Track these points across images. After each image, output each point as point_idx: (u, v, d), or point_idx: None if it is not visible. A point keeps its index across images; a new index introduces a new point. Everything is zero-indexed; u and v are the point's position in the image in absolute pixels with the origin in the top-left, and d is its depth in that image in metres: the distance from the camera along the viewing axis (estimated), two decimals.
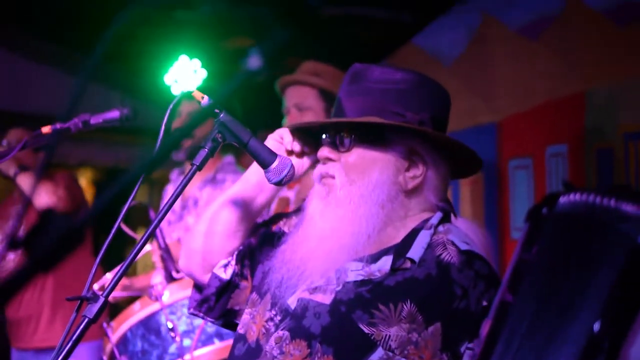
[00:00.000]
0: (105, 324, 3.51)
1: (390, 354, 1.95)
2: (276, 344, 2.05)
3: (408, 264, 2.05)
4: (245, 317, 2.21)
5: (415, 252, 2.05)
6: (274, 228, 2.34)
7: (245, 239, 2.29)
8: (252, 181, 2.28)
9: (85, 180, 10.86)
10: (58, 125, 2.73)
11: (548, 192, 1.46)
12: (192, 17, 5.76)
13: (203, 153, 2.03)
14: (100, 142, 7.28)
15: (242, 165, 4.59)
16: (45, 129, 2.72)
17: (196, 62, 6.18)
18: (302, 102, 3.81)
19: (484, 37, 4.54)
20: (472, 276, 2.01)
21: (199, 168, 2.03)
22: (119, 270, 1.91)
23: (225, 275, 2.27)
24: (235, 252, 2.28)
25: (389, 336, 1.96)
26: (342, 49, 5.41)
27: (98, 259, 1.96)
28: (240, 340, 2.18)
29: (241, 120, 2.10)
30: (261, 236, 2.32)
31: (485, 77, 4.57)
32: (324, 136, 2.18)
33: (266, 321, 2.12)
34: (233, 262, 2.27)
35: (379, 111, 2.09)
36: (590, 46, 3.75)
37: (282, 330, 2.07)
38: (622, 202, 1.22)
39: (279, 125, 3.97)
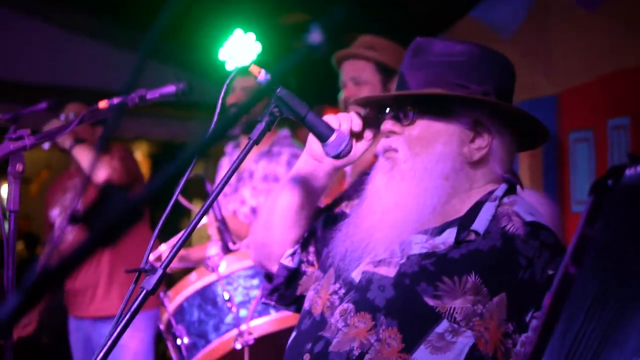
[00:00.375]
0: (162, 294, 3.54)
1: (455, 325, 1.94)
2: (341, 316, 2.06)
3: (472, 236, 2.03)
4: (310, 294, 2.22)
5: (480, 224, 2.04)
6: (337, 210, 2.35)
7: (308, 227, 2.31)
8: (308, 161, 2.28)
9: (140, 154, 10.98)
10: (115, 100, 2.75)
11: (612, 165, 1.39)
12: None
13: (260, 127, 2.02)
14: (155, 116, 7.33)
15: (298, 139, 4.58)
16: (102, 104, 2.74)
17: (251, 36, 6.16)
18: (358, 76, 3.79)
19: (543, 7, 4.45)
20: (537, 246, 1.99)
21: (256, 142, 2.02)
22: (177, 243, 1.90)
23: (293, 264, 2.31)
24: (301, 240, 2.31)
25: (454, 308, 1.95)
26: (398, 23, 5.36)
27: (156, 232, 1.97)
28: (305, 315, 2.18)
29: (296, 94, 2.09)
30: (324, 221, 2.33)
31: (545, 49, 4.48)
32: (386, 110, 2.17)
33: (330, 294, 2.13)
34: (299, 250, 2.31)
35: (443, 84, 2.08)
36: None
37: (346, 302, 2.07)
38: None
39: (335, 100, 3.98)
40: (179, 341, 3.50)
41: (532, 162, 4.60)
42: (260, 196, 4.20)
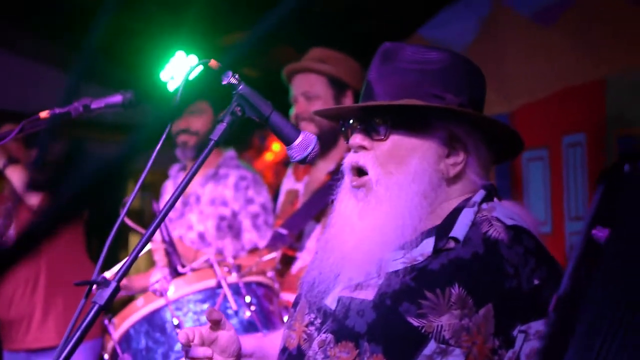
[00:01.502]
0: (106, 321, 3.37)
1: (443, 345, 1.81)
2: (320, 348, 1.91)
3: (452, 244, 1.91)
4: (284, 331, 2.07)
5: (459, 230, 1.91)
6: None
7: None
8: None
9: None
10: (57, 110, 2.61)
11: (623, 152, 1.28)
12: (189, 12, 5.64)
13: (222, 127, 1.91)
14: (94, 141, 7.12)
15: (244, 160, 4.47)
16: (44, 114, 2.60)
17: (193, 58, 6.03)
18: (309, 90, 3.69)
19: (495, 25, 4.41)
20: (521, 253, 1.88)
21: (218, 143, 1.89)
22: (130, 255, 1.79)
23: None
24: None
25: (441, 326, 1.82)
26: (344, 42, 5.28)
27: (108, 242, 1.83)
28: (281, 353, 2.03)
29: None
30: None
31: (497, 67, 4.42)
32: (351, 122, 2.02)
33: (306, 326, 1.98)
34: None
35: (416, 94, 1.94)
36: (609, 30, 3.64)
37: (324, 333, 1.93)
38: None
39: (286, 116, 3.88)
40: None
41: None
42: (207, 221, 4.06)
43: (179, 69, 6.03)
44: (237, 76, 1.93)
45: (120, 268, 1.77)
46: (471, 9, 4.48)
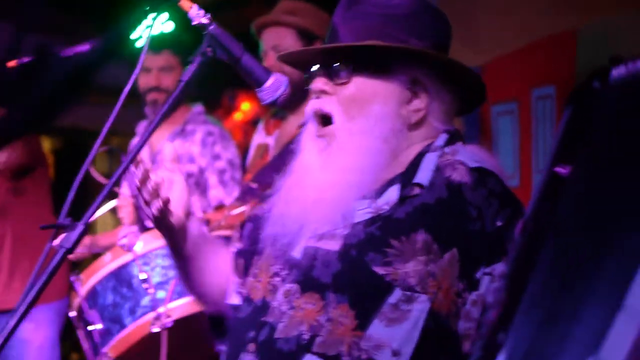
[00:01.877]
0: (73, 277, 3.34)
1: (409, 293, 1.81)
2: (285, 297, 1.90)
3: (417, 190, 1.91)
4: (248, 280, 2.05)
5: (423, 176, 1.92)
6: (260, 213, 2.16)
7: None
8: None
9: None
10: (25, 59, 2.59)
11: (592, 69, 1.24)
12: None
13: (192, 68, 1.88)
14: (95, 104, 7.00)
15: (208, 112, 4.43)
16: (12, 63, 2.58)
17: (163, 16, 5.94)
18: (279, 44, 3.64)
19: None
20: (485, 195, 1.88)
21: (188, 83, 1.87)
22: (95, 203, 1.75)
23: (240, 301, 2.12)
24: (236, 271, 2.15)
25: (406, 272, 1.82)
26: None
27: (75, 186, 1.79)
28: (244, 302, 2.02)
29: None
30: (251, 235, 2.17)
31: (467, 21, 4.37)
32: (315, 68, 2.01)
33: (271, 277, 1.97)
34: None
35: (380, 36, 1.94)
36: None
37: (289, 283, 1.92)
38: None
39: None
40: (91, 327, 3.29)
41: None
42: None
43: (149, 27, 5.93)
44: (208, 16, 1.91)
45: (87, 212, 1.74)
46: None
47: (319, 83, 1.98)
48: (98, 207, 1.74)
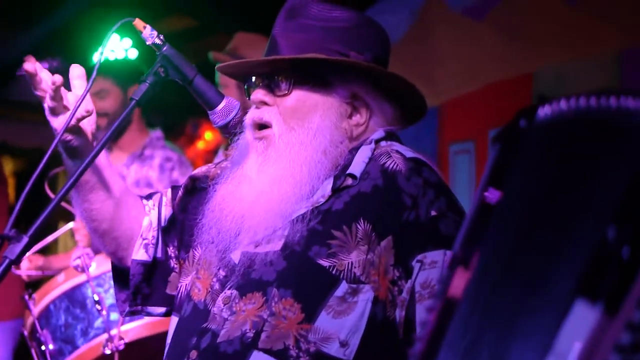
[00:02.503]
0: (26, 296, 3.31)
1: (354, 285, 1.82)
2: (225, 304, 1.89)
3: (350, 181, 1.92)
4: (188, 277, 2.05)
5: (355, 167, 1.92)
6: (198, 185, 2.16)
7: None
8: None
9: (5, 172, 10.45)
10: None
11: (518, 110, 1.27)
12: None
13: (143, 87, 1.89)
14: (20, 121, 6.93)
15: (171, 140, 4.43)
16: None
17: (127, 42, 5.96)
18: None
19: (426, 19, 4.45)
20: (420, 184, 1.88)
21: (139, 103, 1.88)
22: (42, 214, 1.75)
23: (148, 256, 2.10)
24: (155, 230, 2.11)
25: (351, 263, 1.83)
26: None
27: (22, 197, 1.77)
28: (185, 300, 2.01)
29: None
30: (191, 197, 2.15)
31: (427, 60, 4.46)
32: (254, 79, 2.02)
33: (212, 278, 1.96)
34: (155, 242, 2.10)
35: (320, 49, 1.94)
36: (537, 26, 3.70)
37: (229, 289, 1.91)
38: (626, 98, 1.07)
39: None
40: (43, 347, 3.26)
41: None
42: None
43: (112, 52, 5.95)
44: (161, 36, 1.92)
45: (34, 224, 1.74)
46: (404, 3, 4.51)
47: (259, 94, 1.97)
48: (44, 220, 1.73)
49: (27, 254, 1.73)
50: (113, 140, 4.06)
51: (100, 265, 3.26)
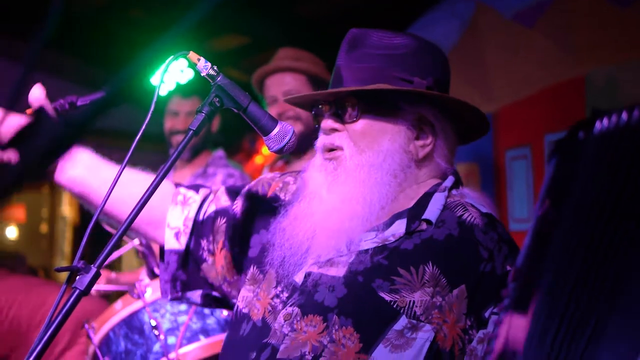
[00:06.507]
0: (86, 325, 3.37)
1: (414, 321, 1.85)
2: (285, 321, 1.94)
3: (424, 226, 1.96)
4: (246, 295, 2.09)
5: (431, 213, 1.96)
6: (270, 194, 2.23)
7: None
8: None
9: (68, 193, 10.63)
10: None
11: (576, 122, 1.29)
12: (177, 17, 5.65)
13: (200, 117, 1.94)
14: (101, 147, 7.04)
15: (233, 159, 4.50)
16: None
17: (183, 62, 6.07)
18: (291, 89, 3.67)
19: (477, 26, 4.45)
20: (496, 239, 1.93)
21: (196, 133, 1.93)
22: (110, 242, 1.79)
23: (179, 244, 2.20)
24: (191, 221, 2.20)
25: (413, 302, 1.86)
26: (328, 45, 5.32)
27: (87, 231, 1.83)
28: (243, 319, 2.05)
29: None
30: (251, 203, 2.21)
31: (480, 68, 4.46)
32: (321, 107, 2.08)
33: (272, 298, 2.01)
34: (188, 232, 2.21)
35: (385, 78, 1.99)
36: (588, 30, 3.67)
37: (290, 306, 1.95)
38: None
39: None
40: None
41: (469, 181, 4.57)
42: None
43: (169, 74, 6.07)
44: (215, 67, 1.97)
45: (100, 255, 1.79)
46: (454, 12, 4.51)
47: (329, 122, 2.04)
48: (109, 253, 1.78)
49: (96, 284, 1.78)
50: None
51: (156, 291, 3.29)
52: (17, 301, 4.43)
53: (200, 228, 2.22)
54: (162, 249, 2.24)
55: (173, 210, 2.23)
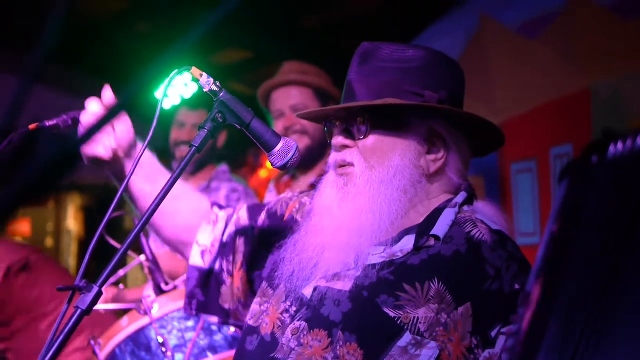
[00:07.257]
0: (92, 341, 3.34)
1: (419, 338, 1.82)
2: (293, 335, 1.93)
3: (432, 242, 1.94)
4: (255, 308, 2.09)
5: (440, 229, 1.94)
6: (287, 215, 2.24)
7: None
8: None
9: (73, 207, 10.69)
10: (46, 123, 2.61)
11: (588, 143, 1.26)
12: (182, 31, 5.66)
13: (202, 134, 1.93)
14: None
15: (236, 174, 4.49)
16: (32, 126, 2.59)
17: (186, 76, 6.07)
18: (298, 103, 3.67)
19: (482, 38, 4.43)
20: (505, 257, 1.90)
21: (199, 150, 1.92)
22: (111, 261, 1.78)
23: (205, 264, 2.24)
24: (218, 242, 2.24)
25: (417, 318, 1.83)
26: (333, 58, 5.33)
27: (89, 250, 1.82)
28: (251, 333, 2.05)
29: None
30: (269, 224, 2.23)
31: (485, 80, 4.44)
32: (333, 122, 2.07)
33: (281, 313, 2.01)
34: (213, 251, 2.23)
35: (396, 92, 1.97)
36: (593, 41, 3.65)
37: (298, 321, 1.95)
38: None
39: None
40: None
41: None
42: None
43: (172, 87, 6.07)
44: (218, 83, 1.96)
45: (102, 274, 1.78)
46: (459, 24, 4.51)
47: (339, 139, 2.02)
48: (112, 271, 1.77)
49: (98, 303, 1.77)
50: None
51: (163, 307, 3.26)
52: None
53: (223, 250, 2.24)
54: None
55: (205, 227, 2.28)
